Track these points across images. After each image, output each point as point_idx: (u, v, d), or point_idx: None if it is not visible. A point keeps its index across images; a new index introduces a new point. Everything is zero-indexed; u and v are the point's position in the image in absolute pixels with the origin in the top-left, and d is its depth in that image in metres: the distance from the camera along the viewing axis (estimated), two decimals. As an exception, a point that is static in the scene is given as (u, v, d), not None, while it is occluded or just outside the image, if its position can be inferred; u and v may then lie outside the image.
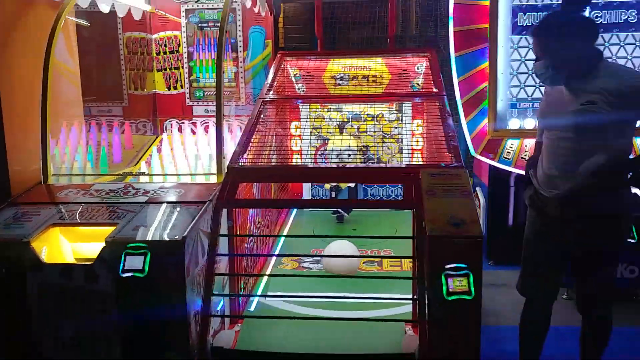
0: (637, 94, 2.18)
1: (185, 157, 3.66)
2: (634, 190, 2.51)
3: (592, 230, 2.37)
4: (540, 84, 3.76)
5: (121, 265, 2.31)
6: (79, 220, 2.60)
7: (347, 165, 3.51)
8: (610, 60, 2.78)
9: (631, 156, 2.37)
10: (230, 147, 3.20)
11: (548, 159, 2.42)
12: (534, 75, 3.85)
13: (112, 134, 4.04)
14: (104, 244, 2.38)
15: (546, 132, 2.46)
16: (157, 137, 4.49)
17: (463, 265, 2.23)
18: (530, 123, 3.95)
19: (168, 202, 2.71)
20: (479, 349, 2.30)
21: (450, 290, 2.21)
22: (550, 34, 2.28)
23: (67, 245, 2.66)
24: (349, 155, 3.98)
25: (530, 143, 3.80)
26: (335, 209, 4.15)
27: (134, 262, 2.31)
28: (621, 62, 3.73)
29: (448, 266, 2.23)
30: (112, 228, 2.49)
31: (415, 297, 2.55)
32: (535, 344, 2.67)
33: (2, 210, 2.70)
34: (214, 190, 2.81)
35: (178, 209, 2.64)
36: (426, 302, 2.36)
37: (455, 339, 2.28)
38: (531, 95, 3.99)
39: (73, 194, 2.85)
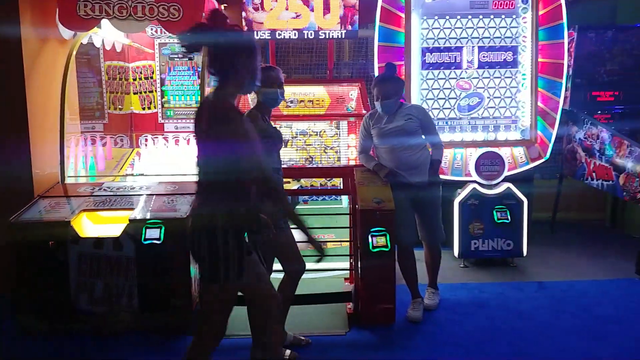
0: (422, 114, 3.75)
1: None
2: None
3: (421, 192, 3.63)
4: (436, 108, 4.99)
5: (142, 236, 3.20)
6: (103, 207, 3.45)
7: (308, 166, 4.58)
8: None
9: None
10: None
11: (390, 157, 3.66)
12: (437, 100, 5.05)
13: (95, 146, 4.84)
14: (127, 222, 3.26)
15: (383, 145, 3.70)
16: (133, 150, 5.31)
17: (382, 229, 3.32)
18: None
19: (168, 194, 3.61)
20: (394, 287, 3.38)
21: (374, 245, 3.28)
22: (388, 85, 3.67)
23: (91, 226, 3.50)
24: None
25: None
26: None
27: (153, 234, 3.21)
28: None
29: (372, 229, 3.31)
30: (129, 212, 3.37)
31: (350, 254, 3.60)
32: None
33: (37, 202, 3.51)
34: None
35: (177, 198, 3.55)
36: (358, 256, 3.43)
37: (378, 279, 3.35)
38: (437, 116, 5.13)
39: (90, 189, 3.69)
